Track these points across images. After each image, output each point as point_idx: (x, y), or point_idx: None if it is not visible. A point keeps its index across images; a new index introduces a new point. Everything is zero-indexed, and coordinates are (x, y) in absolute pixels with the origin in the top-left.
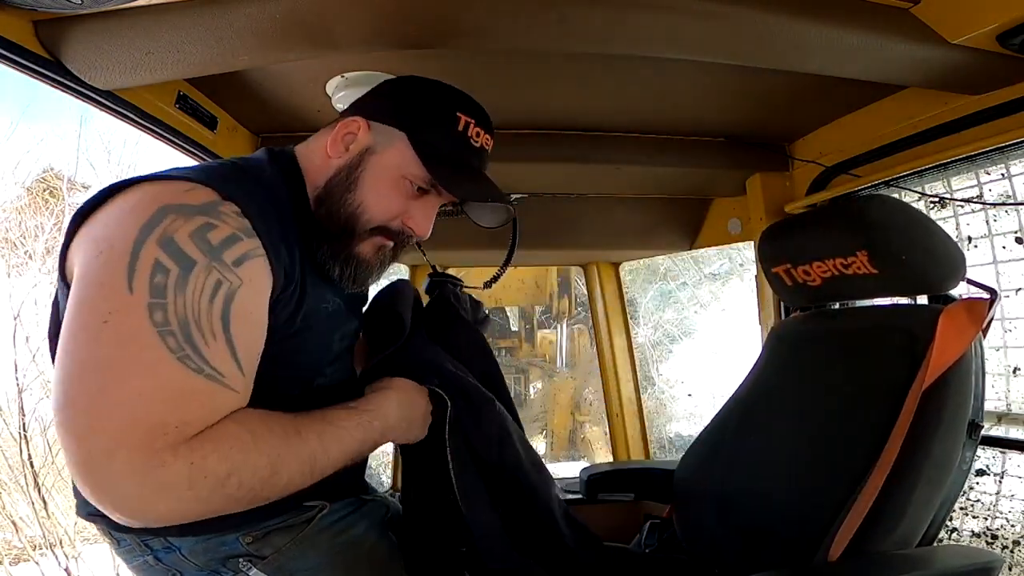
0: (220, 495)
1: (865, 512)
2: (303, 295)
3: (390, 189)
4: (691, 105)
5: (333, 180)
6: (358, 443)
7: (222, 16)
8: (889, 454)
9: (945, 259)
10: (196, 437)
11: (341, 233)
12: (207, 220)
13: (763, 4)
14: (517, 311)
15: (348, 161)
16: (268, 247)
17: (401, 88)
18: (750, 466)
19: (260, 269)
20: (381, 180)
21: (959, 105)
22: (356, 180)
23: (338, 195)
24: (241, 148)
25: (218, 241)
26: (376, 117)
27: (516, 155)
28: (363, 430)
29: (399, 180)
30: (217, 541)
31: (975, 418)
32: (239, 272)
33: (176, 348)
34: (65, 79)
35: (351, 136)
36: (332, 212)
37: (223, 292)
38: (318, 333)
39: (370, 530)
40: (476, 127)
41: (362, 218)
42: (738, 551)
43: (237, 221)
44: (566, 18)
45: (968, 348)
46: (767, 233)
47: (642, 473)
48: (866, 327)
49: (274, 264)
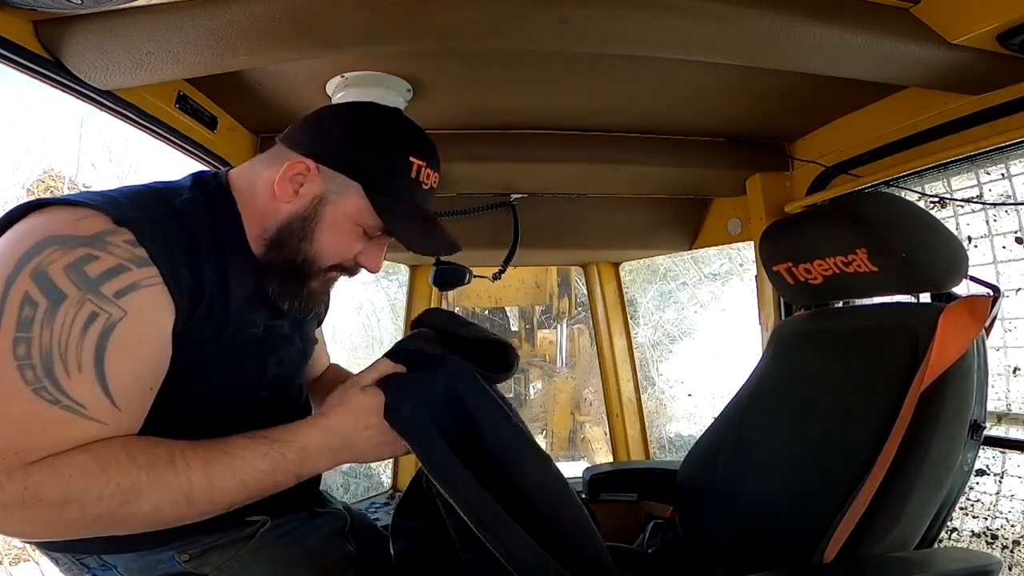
0: (62, 519)
1: (860, 514)
2: (224, 320)
3: (345, 236)
4: (691, 105)
5: (286, 229)
6: (264, 473)
7: (222, 16)
8: (886, 456)
9: (946, 256)
10: (35, 463)
11: (293, 274)
12: (89, 252)
13: (763, 4)
14: (517, 311)
15: (300, 210)
16: (168, 275)
17: (352, 130)
18: (751, 466)
19: (152, 298)
20: (336, 229)
21: (959, 105)
22: (311, 231)
23: (292, 245)
24: (241, 148)
25: (97, 273)
26: (326, 161)
27: (516, 155)
28: (270, 460)
29: (354, 228)
30: (153, 559)
31: (977, 419)
32: (121, 303)
33: (33, 380)
34: (65, 79)
35: (300, 178)
36: (285, 258)
37: (99, 325)
38: (246, 357)
39: (325, 542)
40: (426, 169)
41: (316, 263)
42: (739, 552)
43: (126, 251)
44: (566, 18)
45: (970, 347)
46: (768, 231)
47: (645, 473)
48: (867, 326)
49: (175, 292)
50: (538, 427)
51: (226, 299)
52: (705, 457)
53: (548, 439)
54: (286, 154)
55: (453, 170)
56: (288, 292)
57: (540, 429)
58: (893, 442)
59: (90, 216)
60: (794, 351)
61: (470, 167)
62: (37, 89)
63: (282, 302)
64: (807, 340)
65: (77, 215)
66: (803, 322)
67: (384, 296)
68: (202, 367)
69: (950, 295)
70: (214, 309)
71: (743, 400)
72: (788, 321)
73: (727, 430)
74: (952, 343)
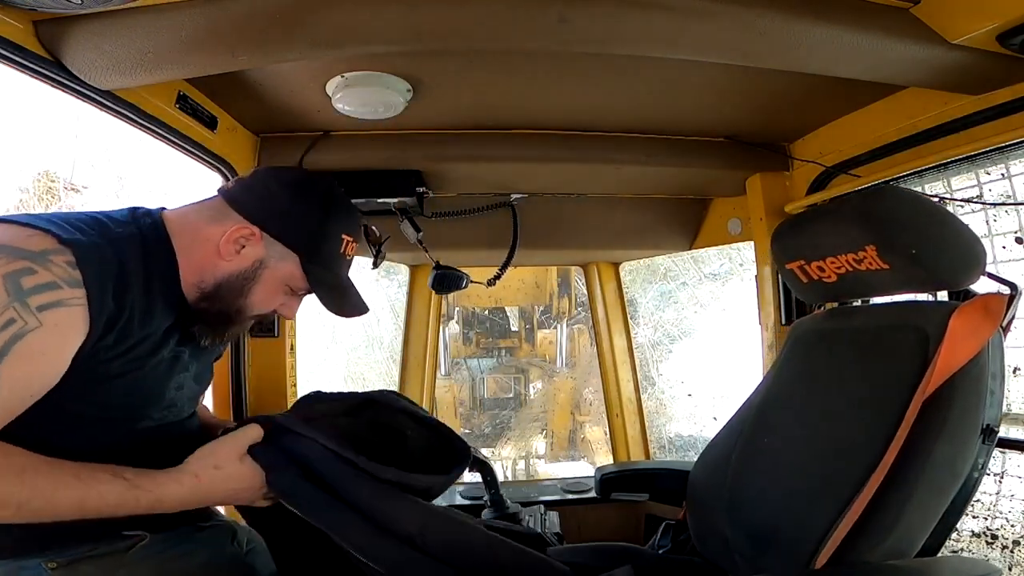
0: None
1: (854, 521)
2: (136, 343)
3: (274, 294)
4: (691, 105)
5: (224, 285)
6: (108, 506)
7: (222, 16)
8: (886, 461)
9: (960, 252)
10: None
11: (221, 321)
12: (29, 265)
13: (763, 4)
14: (517, 311)
15: (241, 270)
16: (93, 299)
17: (299, 207)
18: (761, 468)
19: (70, 317)
20: (269, 288)
21: (959, 105)
22: (248, 289)
23: (228, 299)
24: (241, 148)
25: (30, 286)
26: (271, 231)
27: (516, 155)
28: (119, 499)
29: (284, 287)
30: (15, 566)
31: (990, 422)
32: (41, 316)
33: None
34: (65, 79)
35: (243, 240)
36: (219, 309)
37: (12, 330)
38: (149, 379)
39: (211, 557)
40: (352, 243)
41: (245, 314)
42: (747, 554)
43: (64, 271)
44: (566, 18)
45: (983, 348)
46: (779, 229)
47: (655, 474)
48: (881, 325)
49: (94, 315)
50: (538, 427)
51: (145, 326)
52: (717, 458)
53: (548, 439)
54: (230, 215)
55: (453, 170)
56: (212, 332)
57: (540, 429)
58: (894, 447)
59: (38, 235)
60: (808, 351)
61: (470, 167)
62: (35, 89)
63: (204, 339)
64: (822, 339)
65: (27, 232)
66: (819, 321)
67: (384, 296)
68: (103, 383)
69: (968, 293)
70: (130, 332)
71: (756, 401)
72: (805, 320)
73: (739, 431)
74: (964, 344)
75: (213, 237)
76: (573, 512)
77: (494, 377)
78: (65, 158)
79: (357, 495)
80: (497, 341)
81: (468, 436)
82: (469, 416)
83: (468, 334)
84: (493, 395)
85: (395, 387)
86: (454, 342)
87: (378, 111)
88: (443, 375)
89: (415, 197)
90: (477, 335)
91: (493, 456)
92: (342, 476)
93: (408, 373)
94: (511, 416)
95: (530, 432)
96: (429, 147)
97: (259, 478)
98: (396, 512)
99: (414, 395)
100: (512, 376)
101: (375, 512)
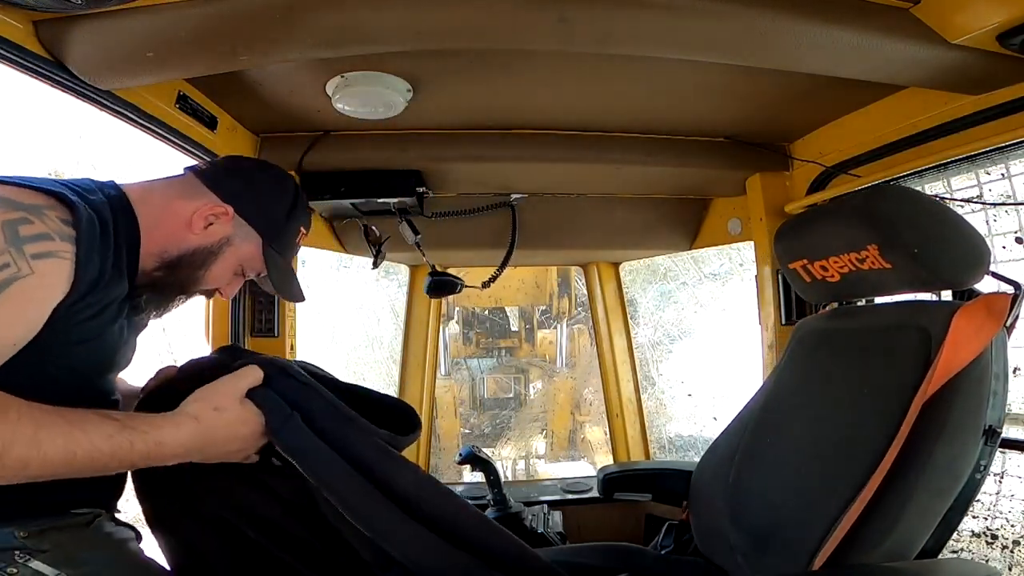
0: None
1: (852, 522)
2: (101, 310)
3: (228, 272)
4: (691, 105)
5: (186, 256)
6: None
7: (222, 16)
8: (886, 463)
9: (963, 251)
10: None
11: (174, 290)
12: (25, 215)
13: (763, 4)
14: (517, 311)
15: (207, 244)
16: (81, 257)
17: (275, 195)
18: (764, 468)
19: (59, 269)
20: (227, 265)
21: (959, 105)
22: (209, 263)
23: (187, 270)
24: (241, 148)
25: (26, 234)
26: (243, 212)
27: (516, 155)
28: (112, 444)
29: (238, 266)
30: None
31: (993, 423)
32: (34, 264)
33: None
34: (65, 79)
35: (213, 218)
36: (175, 280)
37: (6, 273)
38: (107, 346)
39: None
40: (304, 234)
41: (196, 287)
42: (747, 555)
43: (57, 224)
44: (566, 18)
45: (986, 348)
46: (782, 228)
47: (657, 474)
48: (884, 325)
49: (80, 273)
50: (538, 427)
51: (111, 291)
52: (719, 459)
53: (548, 439)
54: (205, 193)
55: (453, 170)
56: (159, 301)
57: (540, 429)
58: (895, 448)
59: (33, 193)
60: (811, 351)
61: (470, 167)
62: (40, 89)
63: (150, 307)
64: (826, 339)
65: (23, 190)
66: (822, 321)
67: (384, 296)
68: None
69: (972, 292)
70: (104, 296)
71: (759, 401)
72: (809, 319)
73: (742, 432)
74: (966, 344)
75: (184, 211)
76: (573, 512)
77: (494, 377)
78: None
79: (360, 453)
80: (497, 341)
81: (468, 436)
82: (469, 416)
83: (468, 334)
84: (493, 395)
85: (395, 387)
86: (454, 342)
87: (378, 111)
88: (443, 375)
89: (415, 197)
90: (477, 335)
91: (493, 456)
92: (343, 432)
93: (408, 373)
94: (511, 416)
95: (530, 432)
96: (429, 147)
97: (260, 424)
98: (396, 473)
99: (414, 395)
100: (512, 376)
101: (375, 471)
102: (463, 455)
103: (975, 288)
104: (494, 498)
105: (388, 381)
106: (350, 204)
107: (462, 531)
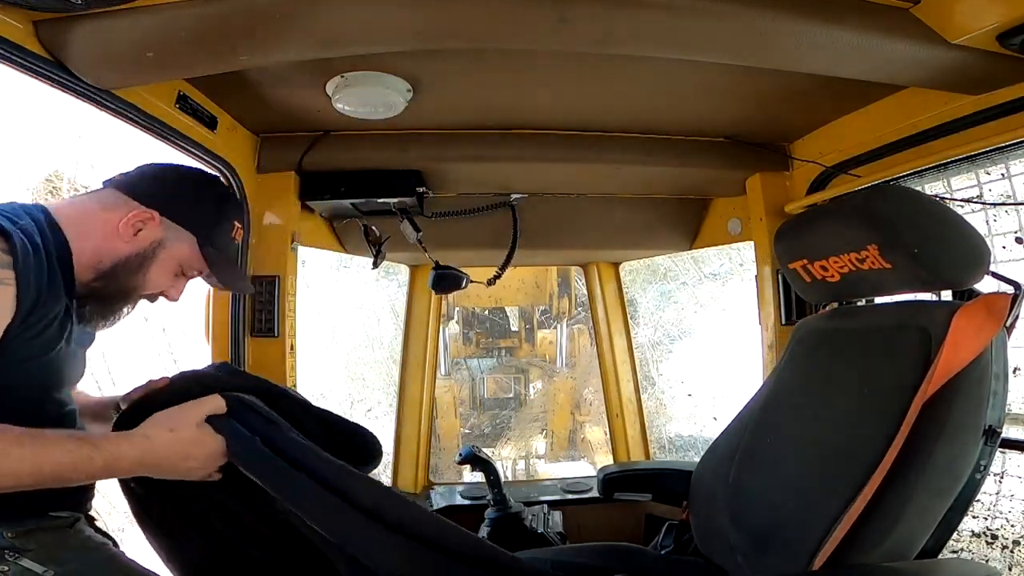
0: None
1: (852, 522)
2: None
3: (168, 275)
4: (691, 105)
5: (121, 264)
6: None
7: (222, 16)
8: (885, 463)
9: (963, 251)
10: None
11: (116, 299)
12: None
13: (763, 4)
14: (517, 311)
15: (139, 250)
16: (21, 282)
17: (195, 192)
18: (764, 468)
19: (4, 297)
20: (164, 269)
21: (959, 105)
22: (145, 268)
23: (124, 277)
24: (241, 148)
25: None
26: (169, 214)
27: (516, 155)
28: (75, 456)
29: (177, 268)
30: None
31: (993, 423)
32: None
33: None
34: (65, 79)
35: (140, 224)
36: (114, 288)
37: None
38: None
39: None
40: (240, 228)
41: (137, 293)
42: (747, 555)
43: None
44: (566, 18)
45: (986, 348)
46: (782, 228)
47: (657, 474)
48: (884, 325)
49: (20, 296)
50: (538, 427)
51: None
52: (720, 459)
53: (548, 439)
54: (126, 202)
55: (453, 170)
56: (104, 312)
57: (540, 429)
58: (894, 448)
59: None
60: (811, 351)
61: (470, 167)
62: (40, 88)
63: (96, 318)
64: (826, 339)
65: None
66: (822, 321)
67: (384, 296)
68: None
69: (972, 292)
70: (44, 315)
71: (759, 401)
72: (809, 319)
73: (742, 431)
74: (966, 344)
75: (111, 221)
76: (573, 512)
77: (494, 377)
78: (70, 158)
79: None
80: (497, 341)
81: (468, 436)
82: (469, 416)
83: (468, 334)
84: (493, 395)
85: (395, 387)
86: (454, 342)
87: (378, 111)
88: (443, 375)
89: (415, 197)
90: (477, 335)
91: (493, 456)
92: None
93: (408, 373)
94: (511, 416)
95: (530, 432)
96: (429, 147)
97: (217, 446)
98: (354, 486)
99: (414, 395)
100: (512, 376)
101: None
102: (463, 455)
103: (975, 288)
104: (494, 498)
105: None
106: (350, 204)
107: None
